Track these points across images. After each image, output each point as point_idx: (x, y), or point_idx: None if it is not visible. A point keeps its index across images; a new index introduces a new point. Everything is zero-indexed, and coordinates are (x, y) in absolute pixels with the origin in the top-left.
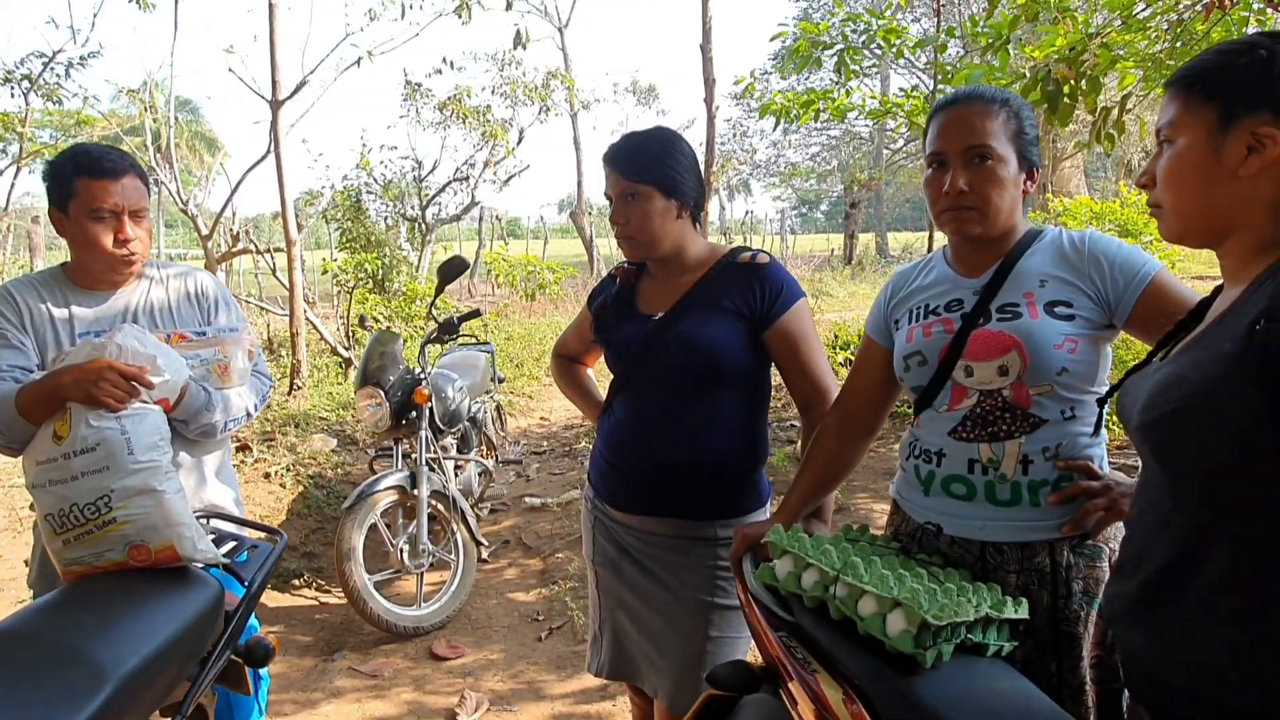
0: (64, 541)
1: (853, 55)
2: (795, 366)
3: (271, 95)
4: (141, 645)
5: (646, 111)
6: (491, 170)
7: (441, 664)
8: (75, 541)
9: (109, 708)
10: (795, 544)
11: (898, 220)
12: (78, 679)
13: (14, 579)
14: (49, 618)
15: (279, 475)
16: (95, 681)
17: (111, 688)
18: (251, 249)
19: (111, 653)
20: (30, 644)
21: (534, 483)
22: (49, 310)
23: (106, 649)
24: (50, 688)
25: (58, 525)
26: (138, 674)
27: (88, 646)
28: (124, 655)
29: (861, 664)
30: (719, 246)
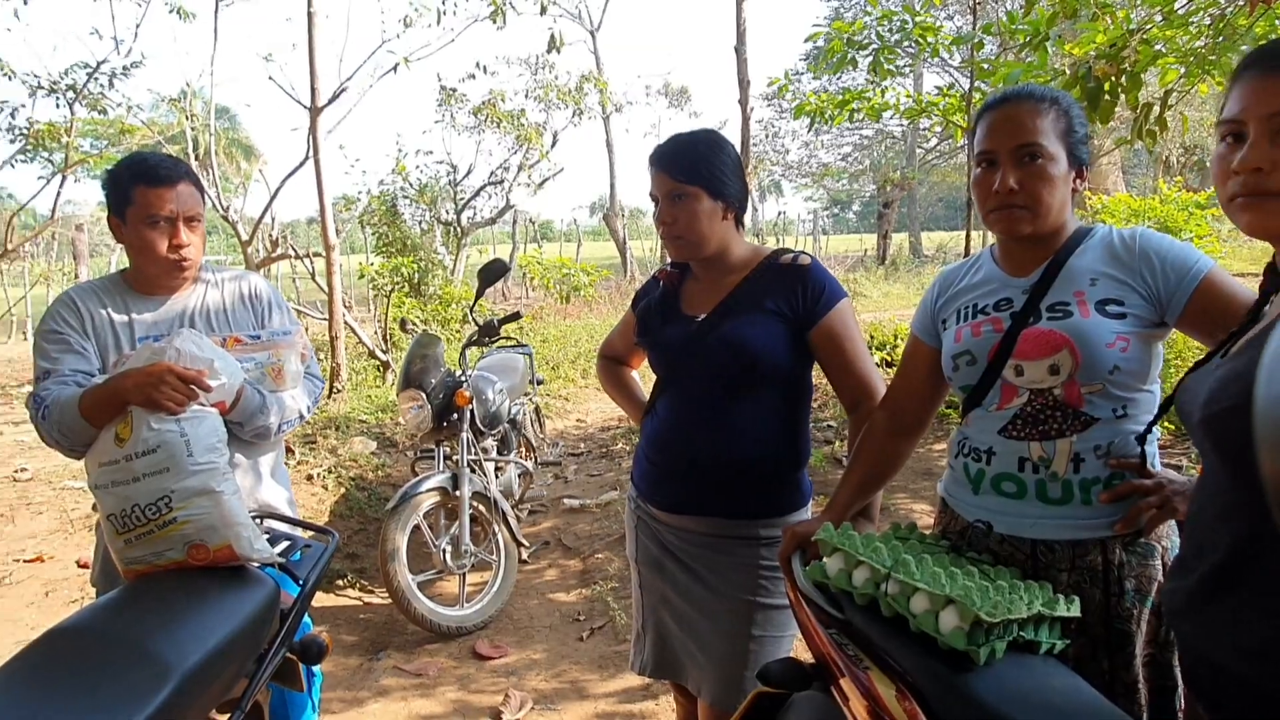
0: (126, 541)
1: (887, 54)
2: (840, 365)
3: (310, 102)
4: (203, 642)
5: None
6: (525, 173)
7: (485, 663)
8: (136, 541)
9: (172, 703)
10: (845, 542)
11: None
12: (142, 675)
13: (66, 579)
14: (113, 615)
15: (321, 477)
16: (159, 677)
17: (174, 684)
18: (290, 254)
19: (174, 649)
20: (96, 640)
21: (572, 484)
22: (109, 315)
23: (169, 646)
24: (116, 683)
25: (120, 525)
26: (199, 670)
27: (151, 643)
28: (186, 652)
29: (915, 661)
30: (761, 248)
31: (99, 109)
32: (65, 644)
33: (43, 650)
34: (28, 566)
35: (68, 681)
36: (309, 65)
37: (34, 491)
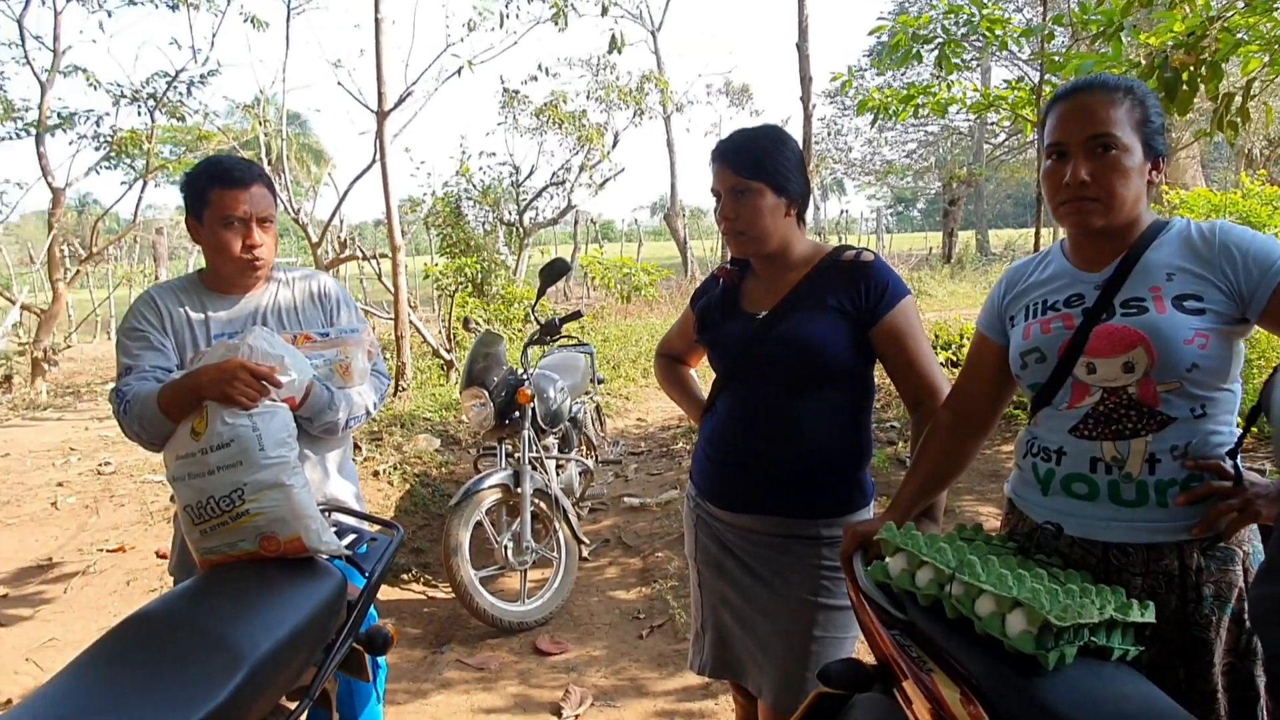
0: (201, 532)
1: (954, 48)
2: (903, 363)
3: (377, 106)
4: (273, 631)
5: (740, 112)
6: (587, 174)
7: (545, 659)
8: (211, 532)
9: (244, 689)
10: (909, 541)
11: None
12: (216, 661)
13: (146, 569)
14: (190, 603)
15: (387, 473)
16: (233, 664)
17: (247, 670)
18: (358, 255)
19: (247, 637)
20: (174, 627)
21: (632, 483)
22: (187, 313)
23: (243, 634)
24: (192, 668)
25: (195, 516)
26: (270, 658)
27: (225, 631)
28: (258, 640)
29: (980, 664)
30: (823, 245)
31: (178, 116)
32: (145, 629)
33: (124, 635)
34: (111, 556)
35: (147, 665)
36: (376, 70)
37: (117, 484)
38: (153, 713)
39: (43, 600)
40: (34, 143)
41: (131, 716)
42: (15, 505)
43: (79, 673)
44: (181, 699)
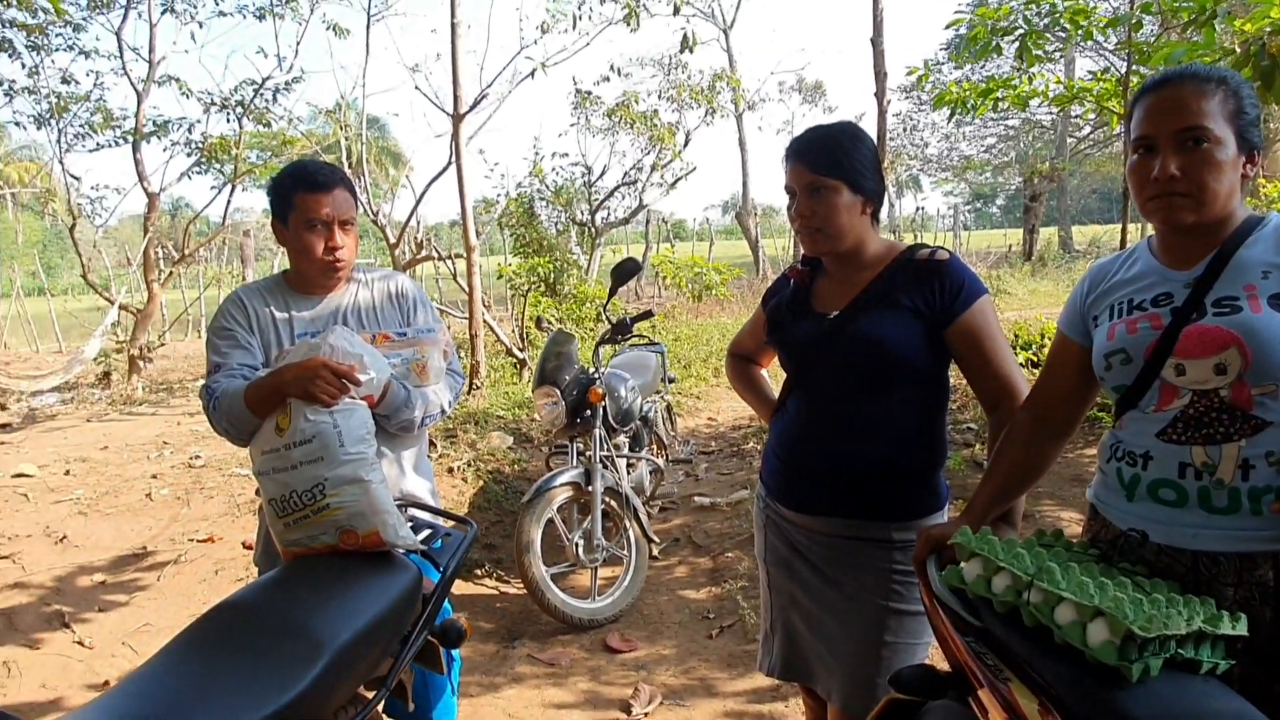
0: (285, 524)
1: (1035, 39)
2: (980, 365)
3: (453, 109)
4: (352, 621)
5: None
6: (658, 173)
7: (615, 656)
8: (294, 525)
9: (325, 677)
10: (985, 546)
11: (1083, 213)
12: (299, 649)
13: (233, 559)
14: (273, 593)
15: (461, 470)
16: (314, 652)
17: (327, 659)
18: (434, 255)
19: (328, 627)
20: (258, 615)
21: (703, 482)
22: (272, 313)
23: (324, 623)
24: (275, 656)
25: (279, 509)
26: (349, 647)
27: (307, 620)
28: (338, 629)
29: (1059, 674)
30: (896, 244)
31: (264, 123)
32: (232, 617)
33: (212, 623)
34: (200, 546)
35: (234, 652)
36: (452, 74)
37: (206, 477)
38: (239, 698)
39: (138, 587)
40: (131, 150)
41: (218, 702)
42: (114, 496)
43: (170, 658)
44: (266, 685)
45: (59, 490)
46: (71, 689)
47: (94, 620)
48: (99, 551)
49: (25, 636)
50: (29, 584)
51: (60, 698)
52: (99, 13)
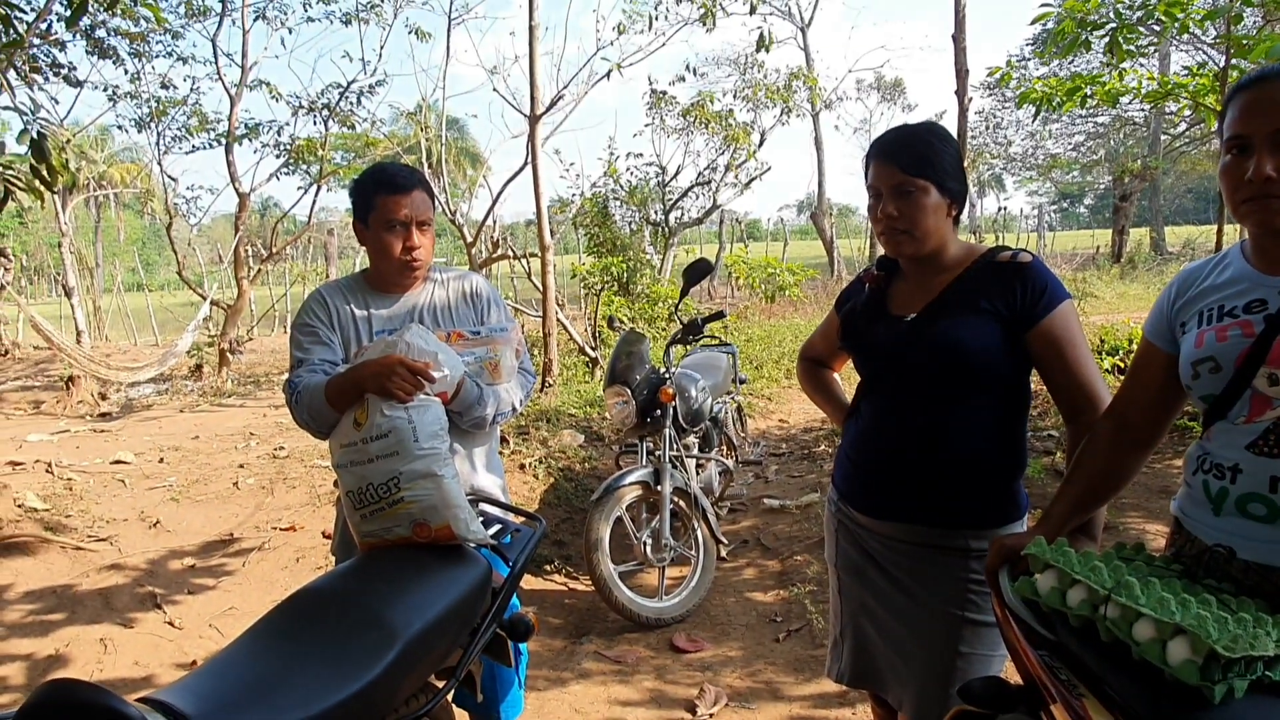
0: (362, 516)
1: (1126, 33)
2: (1060, 370)
3: (530, 110)
4: (425, 612)
5: (891, 107)
6: (733, 173)
7: (681, 656)
8: (370, 517)
9: (397, 665)
10: (1060, 558)
11: (1177, 213)
12: (373, 637)
13: (313, 547)
14: (350, 582)
15: (532, 467)
16: (387, 641)
17: (399, 648)
18: (510, 255)
19: (401, 617)
20: (336, 603)
21: (773, 484)
22: (352, 310)
23: (397, 613)
24: (351, 642)
25: (356, 502)
26: (421, 637)
27: (381, 610)
28: (411, 619)
29: (1136, 693)
30: (976, 246)
31: (349, 125)
32: (310, 605)
33: (291, 609)
34: (282, 534)
35: (311, 638)
36: (529, 75)
37: (289, 468)
38: (316, 683)
39: (224, 572)
40: (224, 151)
41: (296, 686)
42: (203, 484)
43: (251, 643)
44: (341, 672)
45: (153, 477)
46: (161, 667)
47: (183, 602)
48: (189, 536)
49: (121, 616)
50: (125, 566)
51: (151, 675)
52: (196, 20)
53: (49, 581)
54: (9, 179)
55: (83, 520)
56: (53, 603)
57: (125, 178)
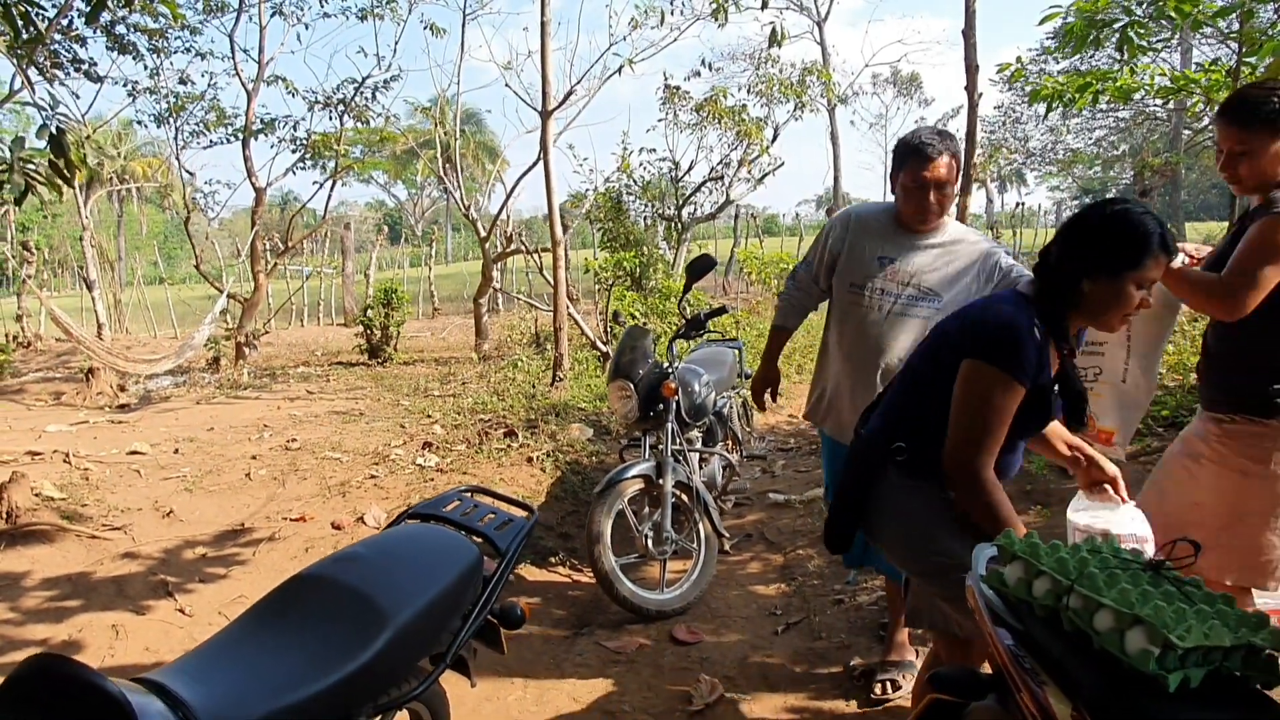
0: None
1: (1138, 29)
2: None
3: (542, 106)
4: (416, 598)
5: (908, 102)
6: (746, 168)
7: (681, 647)
8: None
9: (390, 647)
10: (1027, 550)
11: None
12: (366, 621)
13: (322, 538)
14: (344, 568)
15: (539, 460)
16: (379, 625)
17: (391, 631)
18: (522, 249)
19: (393, 602)
20: (329, 588)
21: (778, 479)
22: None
23: (389, 598)
24: (344, 625)
25: None
26: (412, 622)
27: (374, 595)
28: (402, 605)
29: (1097, 681)
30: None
31: (364, 120)
32: (304, 589)
33: (288, 593)
34: (293, 525)
35: (306, 620)
36: (541, 71)
37: (301, 460)
38: (310, 663)
39: (236, 561)
40: (241, 146)
41: (291, 666)
42: (216, 475)
43: (245, 626)
44: (335, 653)
45: (168, 468)
46: (171, 653)
47: (195, 590)
48: (202, 526)
49: (133, 603)
50: (138, 554)
51: (160, 660)
52: (213, 16)
53: (65, 569)
54: (29, 173)
55: (98, 509)
56: (68, 589)
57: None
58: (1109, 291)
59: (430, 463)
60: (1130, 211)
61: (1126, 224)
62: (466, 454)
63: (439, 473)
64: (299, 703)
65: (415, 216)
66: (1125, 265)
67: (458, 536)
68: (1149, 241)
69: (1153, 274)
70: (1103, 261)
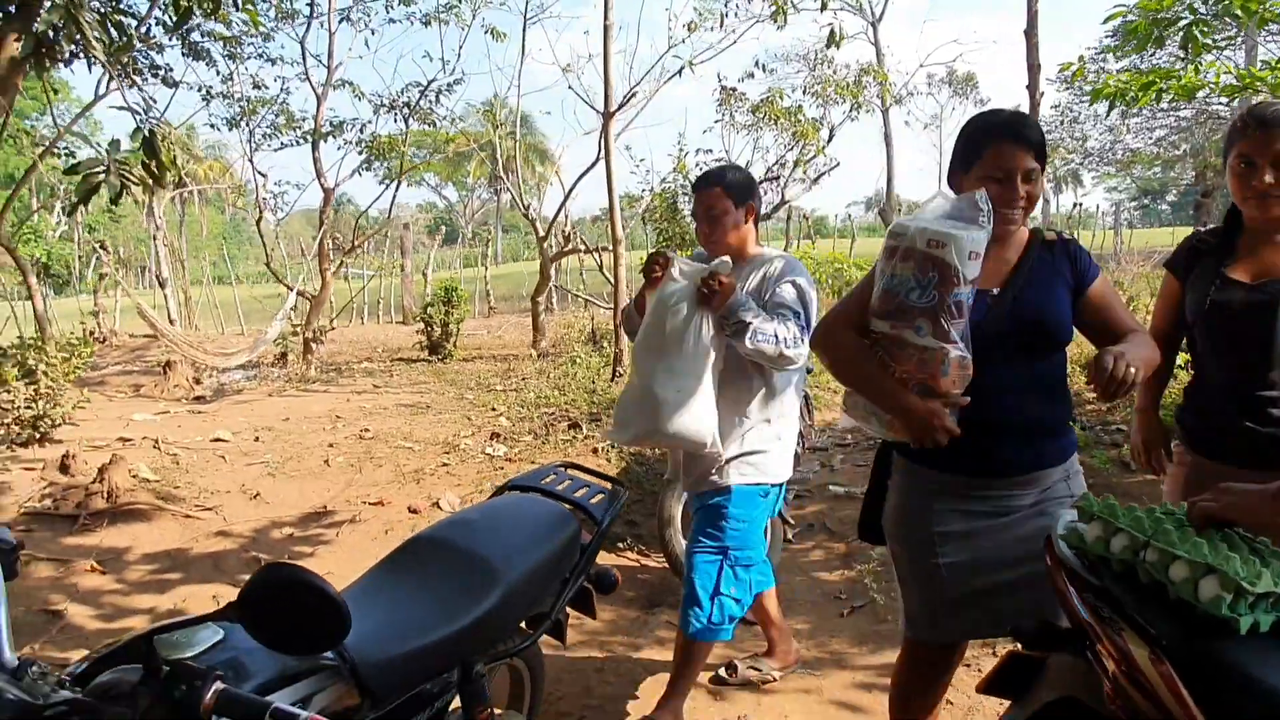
0: None
1: (1202, 28)
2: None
3: (604, 107)
4: (525, 559)
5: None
6: (801, 169)
7: (750, 627)
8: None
9: (501, 603)
10: (1106, 510)
11: None
12: (481, 577)
13: (400, 521)
14: (460, 530)
15: (604, 451)
16: (493, 581)
17: (503, 589)
18: (580, 249)
19: (504, 562)
20: (447, 548)
21: (838, 472)
22: None
23: (500, 558)
24: (462, 581)
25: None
26: (520, 580)
27: (489, 555)
28: (512, 565)
29: (1170, 627)
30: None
31: (429, 122)
32: (426, 549)
33: (410, 552)
34: (372, 508)
35: (428, 576)
36: (604, 73)
37: (376, 449)
38: (431, 615)
39: (320, 541)
40: (310, 148)
41: (415, 616)
42: (296, 461)
43: (375, 578)
44: (453, 606)
45: (250, 454)
46: None
47: None
48: (287, 508)
49: (230, 577)
50: (231, 533)
51: None
52: (285, 22)
53: (163, 545)
54: (124, 174)
55: (190, 491)
56: (168, 564)
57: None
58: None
59: (499, 452)
60: None
61: None
62: (533, 444)
63: (508, 461)
64: (426, 646)
65: (466, 218)
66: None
67: (558, 506)
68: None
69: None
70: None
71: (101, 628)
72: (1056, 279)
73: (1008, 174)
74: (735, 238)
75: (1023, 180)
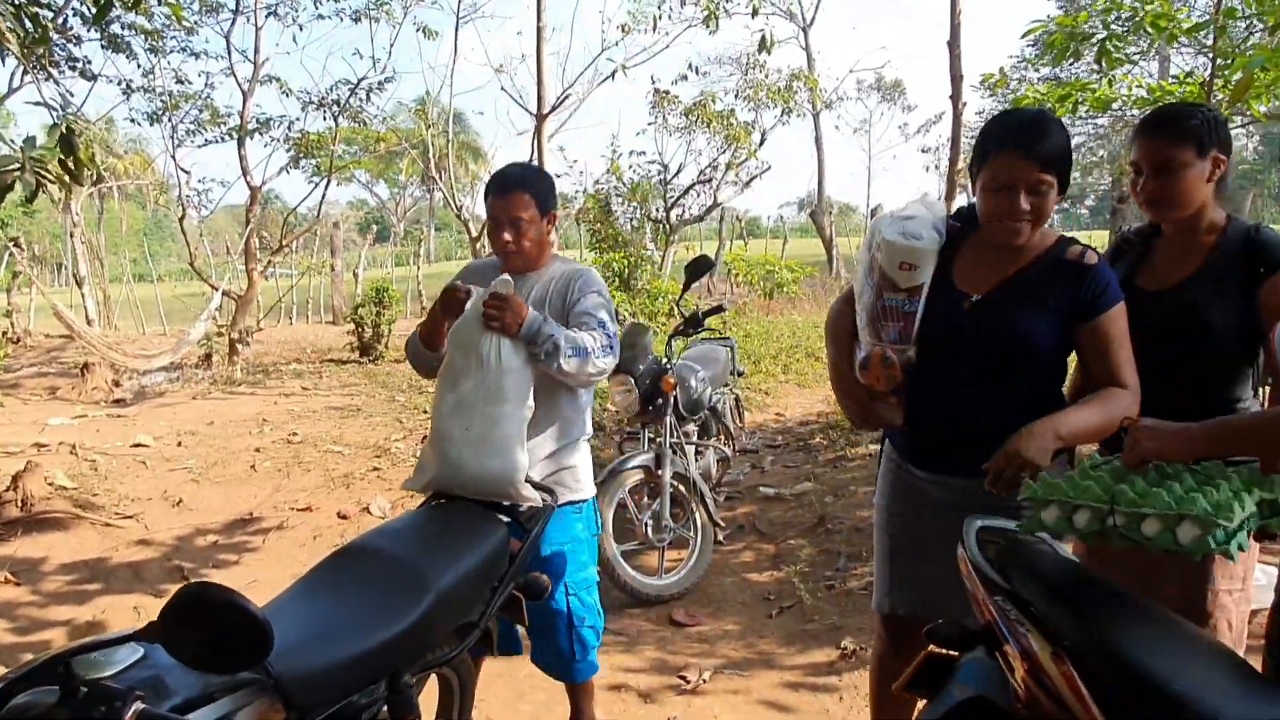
0: None
1: (1115, 43)
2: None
3: (536, 109)
4: (453, 567)
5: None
6: (733, 172)
7: (681, 629)
8: None
9: (433, 610)
10: (1052, 490)
11: None
12: (411, 586)
13: (329, 526)
14: (389, 539)
15: None
16: (420, 592)
17: (433, 597)
18: None
19: (434, 570)
20: (377, 557)
21: (768, 474)
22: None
23: (430, 566)
24: (393, 589)
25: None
26: (451, 588)
27: (418, 564)
28: (442, 573)
29: (1073, 627)
30: (1049, 233)
31: (358, 120)
32: (355, 558)
33: (339, 560)
34: (300, 514)
35: (358, 584)
36: (537, 76)
37: (304, 453)
38: (361, 626)
39: (246, 549)
40: (235, 145)
41: (344, 626)
42: (221, 466)
43: (304, 589)
44: (383, 615)
45: (172, 460)
46: None
47: (210, 575)
48: (211, 515)
49: (151, 586)
50: (152, 542)
51: None
52: (209, 16)
53: (81, 555)
54: (39, 172)
55: (109, 498)
56: (86, 574)
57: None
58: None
59: None
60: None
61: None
62: None
63: None
64: (354, 657)
65: (398, 216)
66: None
67: (488, 514)
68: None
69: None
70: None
71: (16, 641)
72: (1045, 298)
73: (1009, 186)
74: (538, 247)
75: (1027, 192)
